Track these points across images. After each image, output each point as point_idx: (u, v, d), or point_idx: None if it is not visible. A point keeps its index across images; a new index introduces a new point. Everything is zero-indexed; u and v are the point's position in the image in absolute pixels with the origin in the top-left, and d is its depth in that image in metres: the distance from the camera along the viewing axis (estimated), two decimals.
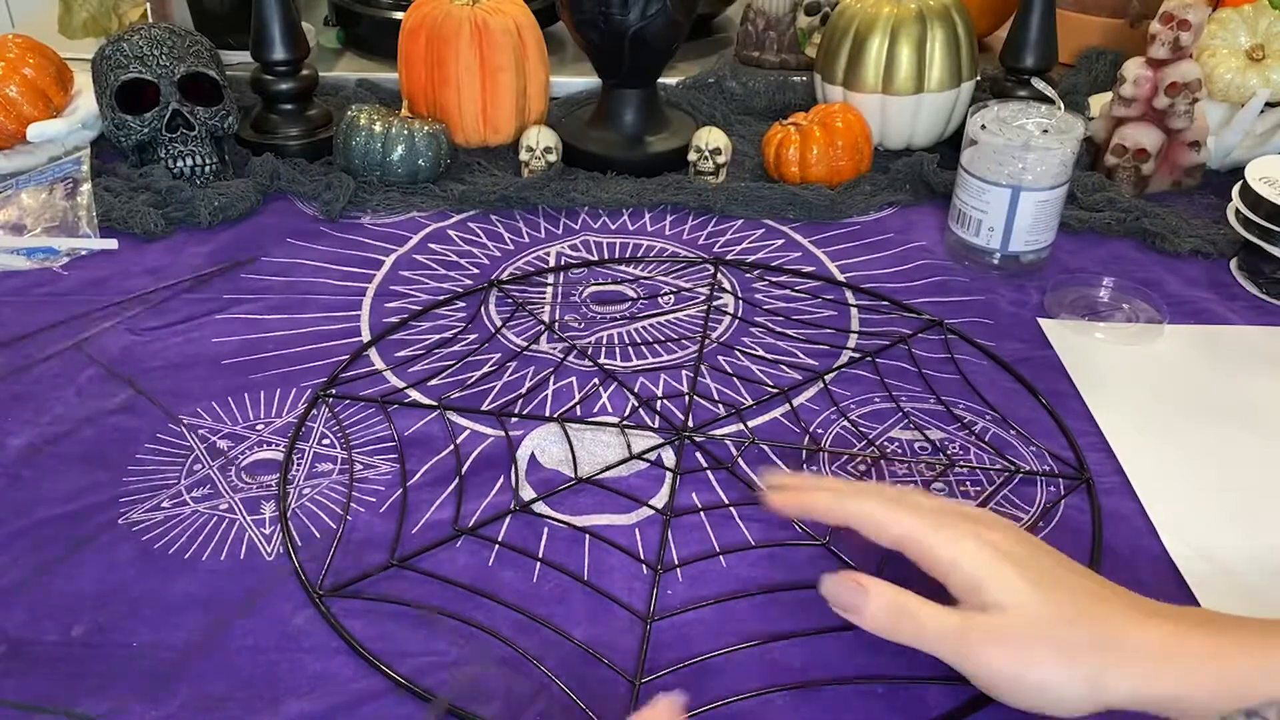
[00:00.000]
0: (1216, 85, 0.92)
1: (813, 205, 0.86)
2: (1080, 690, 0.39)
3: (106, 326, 0.72)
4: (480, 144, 0.97)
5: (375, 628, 0.50)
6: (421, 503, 0.57)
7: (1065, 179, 0.75)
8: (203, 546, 0.54)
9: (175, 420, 0.63)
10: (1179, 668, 0.39)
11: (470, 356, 0.69)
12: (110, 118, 0.87)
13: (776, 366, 0.69)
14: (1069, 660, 0.39)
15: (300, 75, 0.93)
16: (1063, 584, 0.42)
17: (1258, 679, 0.38)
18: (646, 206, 0.88)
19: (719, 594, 0.52)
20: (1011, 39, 0.93)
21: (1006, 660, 0.40)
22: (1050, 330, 0.72)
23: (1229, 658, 0.39)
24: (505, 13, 0.93)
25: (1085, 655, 0.39)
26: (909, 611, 0.42)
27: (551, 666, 0.48)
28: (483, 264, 0.80)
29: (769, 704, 0.46)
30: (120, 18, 1.08)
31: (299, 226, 0.84)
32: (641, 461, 0.60)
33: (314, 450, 0.61)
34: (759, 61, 1.12)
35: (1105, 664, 0.39)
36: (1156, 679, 0.39)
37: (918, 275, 0.79)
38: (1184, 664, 0.39)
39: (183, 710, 0.46)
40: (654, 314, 0.74)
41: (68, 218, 0.83)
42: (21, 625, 0.50)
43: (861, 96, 0.94)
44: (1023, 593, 0.41)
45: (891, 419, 0.64)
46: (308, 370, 0.68)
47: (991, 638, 0.41)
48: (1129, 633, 0.40)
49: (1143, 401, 0.66)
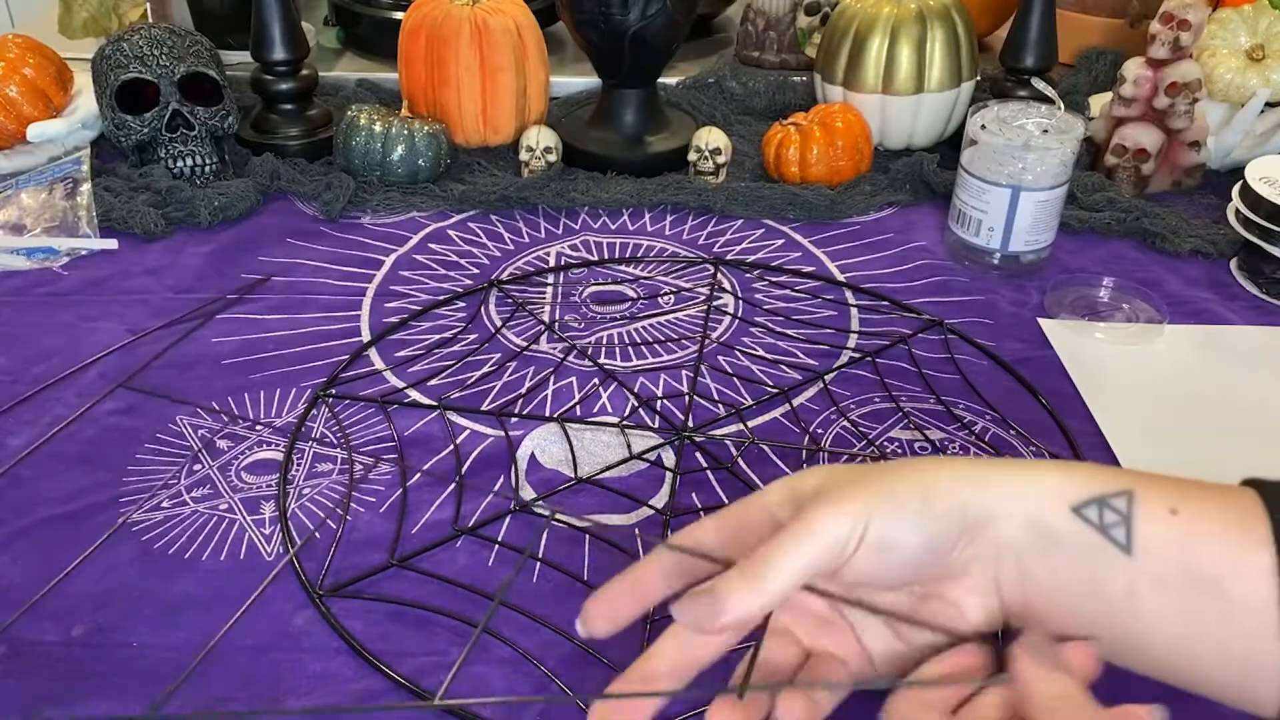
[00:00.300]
0: (1216, 85, 0.92)
1: (813, 205, 0.86)
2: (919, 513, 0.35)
3: (107, 326, 0.72)
4: (480, 144, 0.97)
5: (375, 628, 0.50)
6: (421, 503, 0.57)
7: (1065, 179, 0.75)
8: (203, 546, 0.54)
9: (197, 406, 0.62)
10: (1008, 472, 0.36)
11: (470, 356, 0.69)
12: (110, 118, 0.87)
13: (776, 366, 0.69)
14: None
15: (300, 75, 0.93)
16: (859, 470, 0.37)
17: (1106, 476, 0.35)
18: (646, 206, 0.88)
19: None
20: (1011, 39, 0.93)
21: None
22: (1050, 330, 0.72)
23: (1080, 467, 0.36)
24: (505, 13, 0.93)
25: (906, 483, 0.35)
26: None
27: (551, 666, 0.48)
28: (483, 264, 0.80)
29: None
30: (120, 18, 1.08)
31: (299, 226, 0.84)
32: (641, 461, 0.60)
33: (314, 450, 0.61)
34: (759, 61, 1.12)
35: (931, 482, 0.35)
36: (984, 484, 0.35)
37: (918, 275, 0.79)
38: (1010, 469, 0.36)
39: (183, 710, 0.46)
40: (654, 314, 0.74)
41: (68, 218, 0.83)
42: (21, 625, 0.50)
43: (861, 96, 0.93)
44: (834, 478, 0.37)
45: (891, 419, 0.64)
46: (308, 370, 0.68)
47: None
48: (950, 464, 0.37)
49: (1143, 401, 0.66)
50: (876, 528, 0.34)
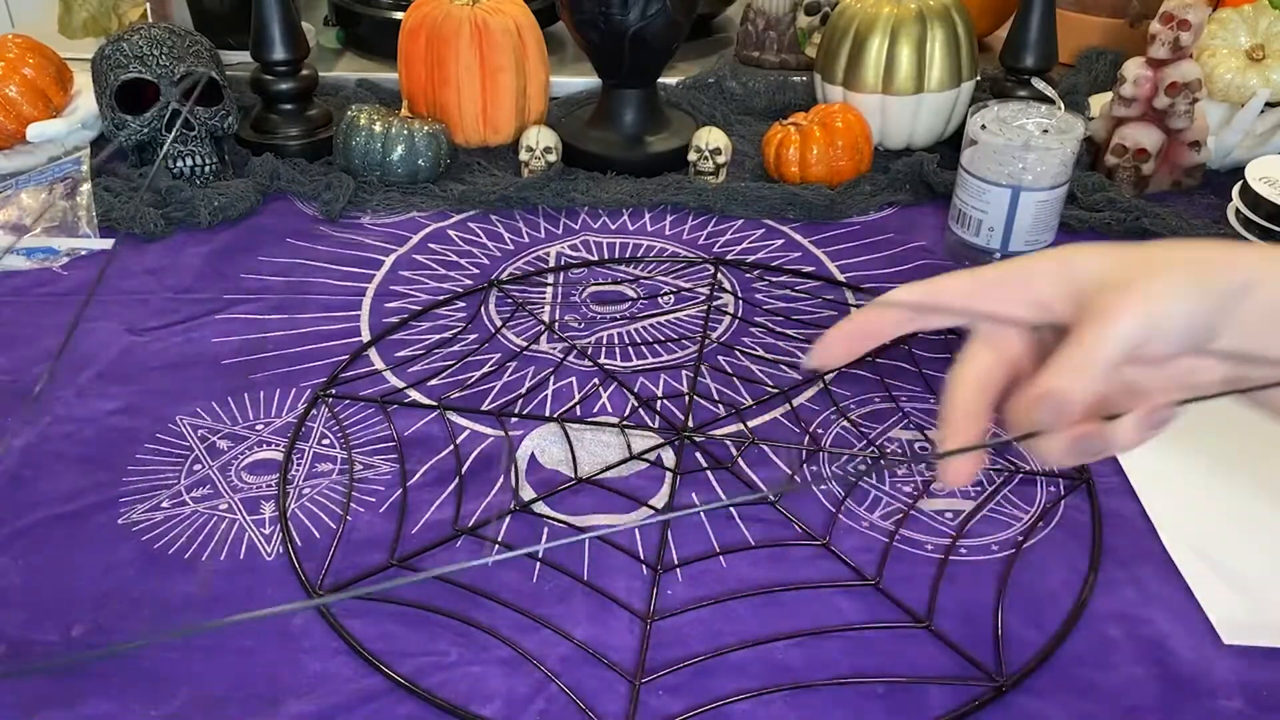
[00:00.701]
0: (1216, 85, 0.92)
1: (813, 205, 0.86)
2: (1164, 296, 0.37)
3: (107, 326, 0.72)
4: (480, 144, 0.97)
5: (375, 628, 0.50)
6: (421, 503, 0.57)
7: (1065, 179, 0.75)
8: (203, 546, 0.54)
9: None
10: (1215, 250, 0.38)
11: (470, 356, 0.69)
12: (110, 118, 0.87)
13: (776, 366, 0.69)
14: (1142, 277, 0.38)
15: (300, 75, 0.93)
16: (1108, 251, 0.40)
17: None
18: (646, 206, 0.88)
19: (719, 594, 0.52)
20: (1011, 39, 0.93)
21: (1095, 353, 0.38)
22: None
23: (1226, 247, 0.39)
24: (505, 13, 0.93)
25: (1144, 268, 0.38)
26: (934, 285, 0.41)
27: (551, 666, 0.48)
28: (483, 264, 0.80)
29: (769, 704, 0.46)
30: (120, 18, 1.08)
31: (299, 226, 0.84)
32: (641, 461, 0.60)
33: (314, 450, 0.61)
34: (759, 61, 1.12)
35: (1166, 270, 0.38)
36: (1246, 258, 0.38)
37: (918, 275, 0.78)
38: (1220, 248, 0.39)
39: (183, 710, 0.46)
40: (654, 314, 0.74)
41: (68, 218, 0.83)
42: (21, 625, 0.50)
43: (861, 96, 0.93)
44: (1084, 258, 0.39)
45: (891, 419, 0.64)
46: (308, 370, 0.68)
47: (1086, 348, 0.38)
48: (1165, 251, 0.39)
49: None
50: (1166, 318, 0.38)
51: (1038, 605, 0.51)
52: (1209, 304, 0.38)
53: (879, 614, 0.51)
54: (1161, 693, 0.47)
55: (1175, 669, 0.48)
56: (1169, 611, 0.51)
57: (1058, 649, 0.49)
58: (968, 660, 0.48)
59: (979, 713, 0.46)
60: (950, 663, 0.48)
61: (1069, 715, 0.46)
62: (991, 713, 0.46)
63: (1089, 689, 0.47)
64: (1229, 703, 0.46)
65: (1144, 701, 0.47)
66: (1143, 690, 0.47)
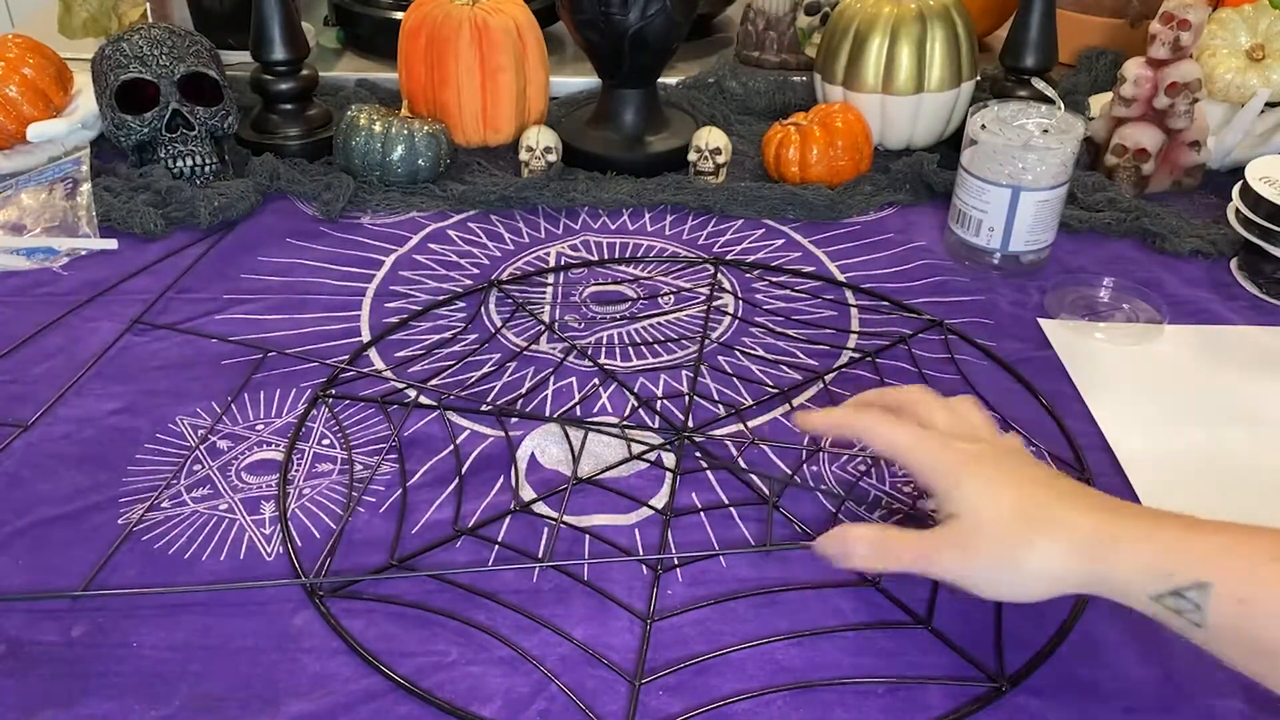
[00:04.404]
0: (1216, 85, 0.92)
1: (813, 205, 0.86)
2: (1022, 572, 0.43)
3: (106, 326, 0.72)
4: (480, 144, 0.97)
5: (375, 628, 0.50)
6: (421, 503, 0.57)
7: (1065, 179, 0.75)
8: (202, 547, 0.54)
9: None
10: (1111, 548, 0.42)
11: (470, 356, 0.69)
12: (110, 118, 0.87)
13: (776, 366, 0.69)
14: (1008, 549, 0.44)
15: (300, 75, 0.93)
16: (1015, 484, 0.45)
17: (1183, 562, 0.41)
18: (646, 206, 0.88)
19: (719, 594, 0.52)
20: (1011, 39, 0.93)
21: (956, 560, 0.45)
22: (1050, 330, 0.72)
23: (1160, 541, 0.42)
24: (505, 13, 0.93)
25: (1021, 542, 0.43)
26: (887, 544, 0.46)
27: (551, 666, 0.48)
28: (483, 264, 0.80)
29: (769, 704, 0.46)
30: (120, 18, 1.08)
31: (299, 226, 0.84)
32: (641, 461, 0.60)
33: (314, 450, 0.61)
34: (759, 61, 1.12)
35: (1041, 546, 0.43)
36: (1090, 556, 0.42)
37: (918, 275, 0.79)
38: (1117, 545, 0.42)
39: (183, 710, 0.46)
40: (654, 314, 0.74)
41: (67, 218, 0.83)
42: (21, 625, 0.50)
43: (861, 96, 0.93)
44: (974, 498, 0.45)
45: None
46: (308, 370, 0.68)
47: (946, 543, 0.45)
48: (1067, 518, 0.43)
49: (1143, 401, 0.66)
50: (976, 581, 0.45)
51: (1038, 605, 0.51)
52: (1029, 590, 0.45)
53: (879, 614, 0.51)
54: (1161, 693, 0.47)
55: (1175, 669, 0.48)
56: None
57: (1058, 649, 0.49)
58: (968, 660, 0.48)
59: (979, 713, 0.46)
60: (950, 663, 0.48)
61: (1069, 715, 0.46)
62: (991, 713, 0.46)
63: (1089, 689, 0.47)
64: (1229, 703, 0.46)
65: (1144, 701, 0.47)
66: (1143, 690, 0.47)
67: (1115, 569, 0.42)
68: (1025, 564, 0.43)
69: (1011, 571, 0.44)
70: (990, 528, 0.44)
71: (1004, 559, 0.44)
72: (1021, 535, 0.43)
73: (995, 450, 0.47)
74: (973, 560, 0.44)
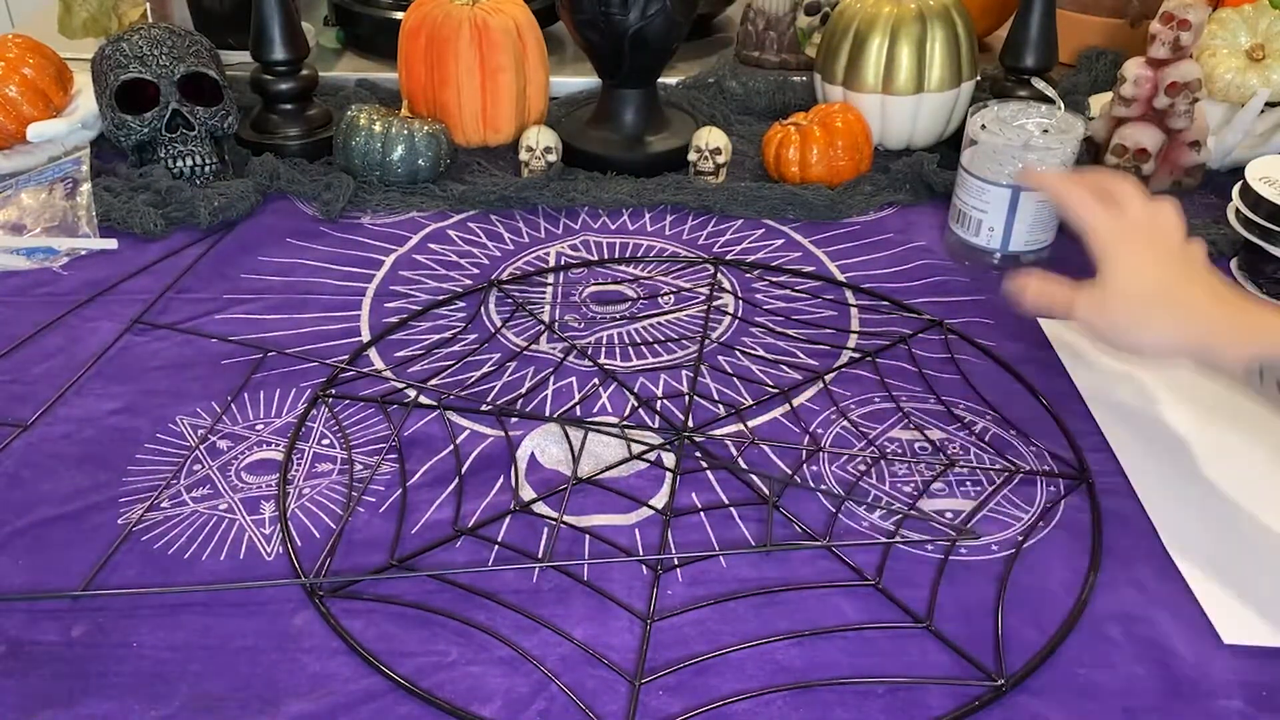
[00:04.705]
0: (1216, 85, 0.92)
1: (813, 205, 0.86)
2: (1146, 332, 0.54)
3: (106, 326, 0.72)
4: (480, 144, 0.97)
5: (375, 628, 0.50)
6: (421, 503, 0.57)
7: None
8: (202, 547, 0.54)
9: None
10: (1216, 319, 0.53)
11: (470, 356, 0.69)
12: (110, 118, 0.87)
13: (776, 366, 0.69)
14: (1138, 312, 0.55)
15: (300, 75, 0.93)
16: (1161, 264, 0.56)
17: (1271, 343, 0.51)
18: (646, 206, 0.88)
19: (719, 594, 0.52)
20: (1011, 39, 0.93)
21: (1094, 311, 0.56)
22: (1050, 330, 0.72)
23: (1264, 318, 0.52)
24: (505, 13, 0.93)
25: (1150, 310, 0.54)
26: (1046, 289, 0.58)
27: (551, 666, 0.48)
28: (483, 264, 0.80)
29: (769, 704, 0.46)
30: (120, 18, 1.08)
31: (299, 226, 0.84)
32: (641, 461, 0.60)
33: (314, 450, 0.61)
34: (759, 61, 1.12)
35: (1163, 316, 0.54)
36: (1194, 325, 0.53)
37: (918, 275, 0.79)
38: (1222, 316, 0.53)
39: (183, 710, 0.46)
40: (654, 314, 0.74)
41: (67, 218, 0.83)
42: (21, 625, 0.50)
43: (861, 96, 0.93)
44: (1124, 268, 0.56)
45: (891, 419, 0.64)
46: (308, 370, 0.68)
47: (1091, 298, 0.56)
48: (1190, 299, 0.54)
49: (1143, 401, 0.66)
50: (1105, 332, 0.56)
51: (1038, 605, 0.51)
52: None
53: (879, 614, 0.51)
54: (1161, 693, 0.47)
55: (1175, 669, 0.48)
56: (1169, 611, 0.51)
57: (1058, 649, 0.49)
58: (968, 660, 0.48)
59: (979, 713, 0.46)
60: (950, 663, 0.48)
61: (1069, 715, 0.46)
62: (991, 713, 0.46)
63: (1089, 689, 0.47)
64: (1229, 703, 0.46)
65: (1144, 701, 0.47)
66: (1143, 690, 0.47)
67: (1217, 346, 0.52)
68: (1148, 326, 0.54)
69: (1137, 331, 0.55)
70: (1129, 292, 0.55)
71: (1133, 319, 0.55)
72: (1151, 306, 0.54)
73: (1157, 239, 0.57)
74: (1106, 315, 0.55)
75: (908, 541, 0.55)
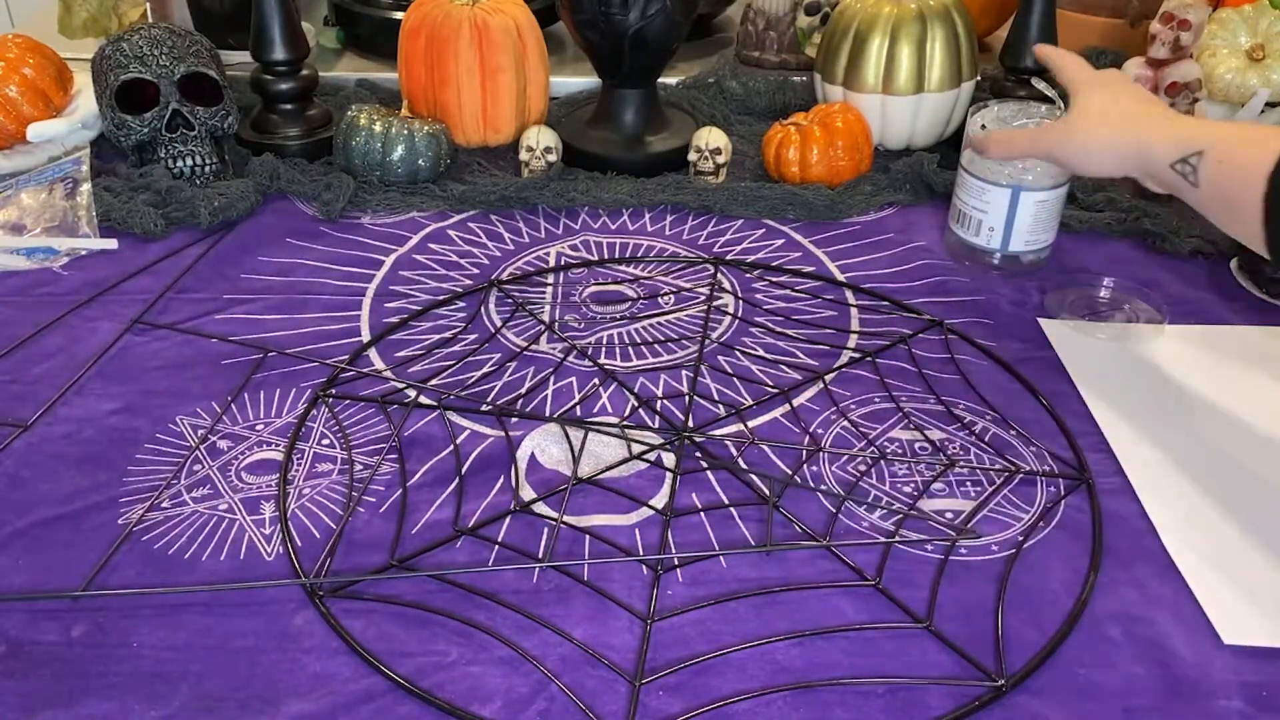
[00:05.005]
0: (1216, 85, 0.92)
1: (813, 205, 0.86)
2: (1095, 145, 0.65)
3: (106, 326, 0.72)
4: (480, 144, 0.97)
5: (375, 628, 0.50)
6: (421, 503, 0.57)
7: (1065, 179, 0.75)
8: (202, 547, 0.54)
9: None
10: (1147, 118, 0.63)
11: (470, 356, 0.69)
12: (110, 118, 0.87)
13: (776, 366, 0.69)
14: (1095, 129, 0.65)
15: (300, 75, 0.93)
16: (1126, 99, 0.65)
17: (1193, 138, 0.59)
18: (646, 206, 0.88)
19: (719, 594, 0.52)
20: (1011, 39, 0.93)
21: (1059, 137, 0.67)
22: (1050, 330, 0.72)
23: (1183, 126, 0.61)
24: (505, 13, 0.93)
25: (1102, 121, 0.65)
26: (1012, 136, 0.71)
27: (551, 667, 0.48)
28: (483, 264, 0.80)
29: (769, 704, 0.46)
30: (120, 18, 1.08)
31: (299, 226, 0.84)
32: (641, 462, 0.60)
33: (314, 450, 0.61)
34: (759, 61, 1.12)
35: (1110, 122, 0.64)
36: (1132, 125, 0.63)
37: (918, 275, 0.79)
38: (1150, 115, 0.63)
39: (183, 710, 0.46)
40: (654, 314, 0.74)
41: (67, 218, 0.83)
42: (21, 625, 0.50)
43: (861, 96, 0.93)
44: (1095, 103, 0.66)
45: (891, 419, 0.64)
46: (308, 370, 0.68)
47: (1056, 129, 0.67)
48: (1129, 103, 0.65)
49: (1143, 401, 0.66)
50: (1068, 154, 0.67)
51: (1038, 605, 0.51)
52: None
53: (879, 614, 0.51)
54: (1161, 693, 0.47)
55: (1175, 669, 0.48)
56: (1169, 611, 0.51)
57: (1058, 649, 0.49)
58: (968, 660, 0.48)
59: (979, 713, 0.46)
60: (950, 663, 0.48)
61: (1069, 715, 0.46)
62: (991, 713, 0.46)
63: (1089, 689, 0.47)
64: (1229, 703, 0.46)
65: (1144, 701, 0.47)
66: (1143, 690, 0.47)
67: (1152, 143, 0.61)
68: (1098, 137, 0.64)
69: (1092, 146, 0.65)
70: (1092, 119, 0.65)
71: (1089, 136, 0.65)
72: (1105, 118, 0.64)
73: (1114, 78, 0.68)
74: (1070, 138, 0.66)
75: (908, 541, 0.55)
